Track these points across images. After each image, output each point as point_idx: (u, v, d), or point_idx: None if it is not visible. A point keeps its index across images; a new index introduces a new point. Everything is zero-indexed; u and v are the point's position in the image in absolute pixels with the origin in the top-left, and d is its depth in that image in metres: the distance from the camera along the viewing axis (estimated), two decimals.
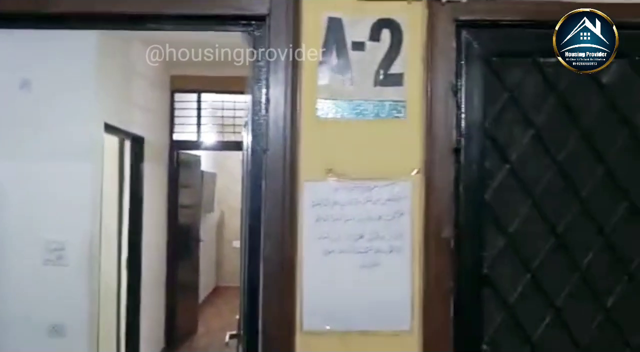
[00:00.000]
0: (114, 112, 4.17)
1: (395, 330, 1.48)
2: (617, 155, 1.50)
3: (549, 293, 1.49)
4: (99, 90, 3.84)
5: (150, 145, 4.92)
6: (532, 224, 1.50)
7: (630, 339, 1.49)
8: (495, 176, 1.50)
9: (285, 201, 1.47)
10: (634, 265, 1.49)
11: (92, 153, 3.74)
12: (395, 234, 1.48)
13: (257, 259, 1.51)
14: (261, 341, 1.48)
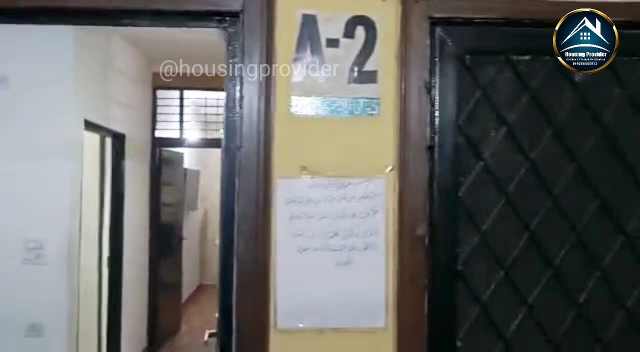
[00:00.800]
0: (94, 109, 4.13)
1: (369, 327, 1.48)
2: (589, 153, 1.51)
3: (522, 290, 1.50)
4: (78, 86, 3.80)
5: (132, 143, 4.88)
6: (505, 221, 1.51)
7: (601, 334, 1.50)
8: (469, 173, 1.50)
9: (259, 198, 1.47)
10: (605, 262, 1.51)
11: (72, 150, 3.70)
12: (369, 231, 1.48)
13: (231, 257, 1.50)
14: (235, 339, 1.47)
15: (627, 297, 1.51)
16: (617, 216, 1.51)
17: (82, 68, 3.86)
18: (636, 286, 1.52)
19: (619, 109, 1.52)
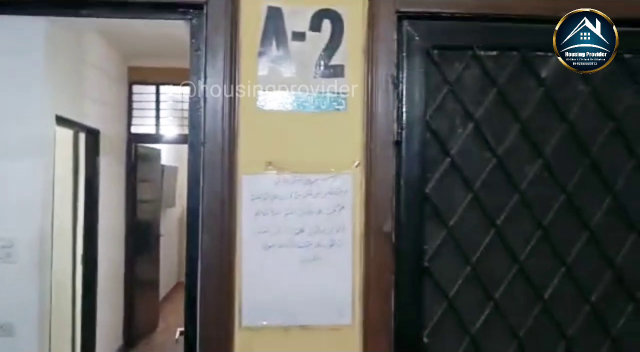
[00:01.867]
0: (66, 105, 4.06)
1: (336, 324, 1.47)
2: (555, 149, 1.51)
3: (488, 285, 1.50)
4: (49, 81, 3.73)
5: (107, 139, 4.80)
6: (472, 216, 1.50)
7: (566, 330, 1.51)
8: (436, 169, 1.50)
9: (224, 194, 1.44)
10: (570, 257, 1.51)
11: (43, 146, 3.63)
12: (336, 227, 1.47)
13: (196, 253, 1.48)
14: (199, 337, 1.45)
15: (591, 292, 1.52)
16: (582, 212, 1.52)
17: (53, 63, 3.79)
18: (601, 282, 1.52)
19: (585, 105, 1.52)
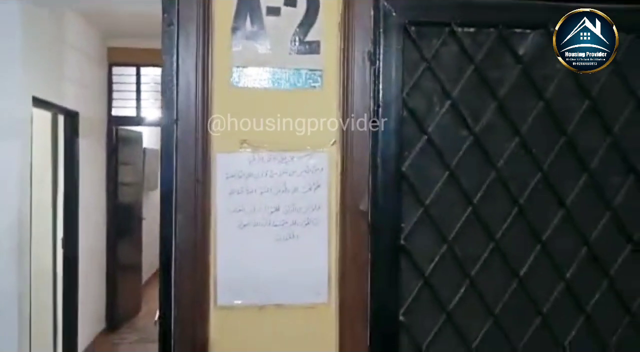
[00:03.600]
0: (44, 86, 3.99)
1: (312, 303, 1.46)
2: (532, 126, 1.51)
3: (465, 263, 1.50)
4: (26, 61, 3.65)
5: (87, 121, 4.74)
6: (448, 195, 1.50)
7: (541, 307, 1.52)
8: (413, 147, 1.49)
9: (198, 173, 1.42)
10: (546, 234, 1.52)
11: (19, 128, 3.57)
12: (311, 206, 1.46)
13: (171, 233, 1.46)
14: (174, 316, 1.44)
15: (567, 269, 1.53)
16: (558, 190, 1.52)
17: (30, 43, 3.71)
18: (576, 259, 1.53)
19: (562, 83, 1.52)
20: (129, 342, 4.91)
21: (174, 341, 1.43)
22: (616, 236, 1.55)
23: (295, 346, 1.46)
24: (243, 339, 1.45)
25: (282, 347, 1.45)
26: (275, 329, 1.45)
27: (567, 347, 1.54)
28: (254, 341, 1.45)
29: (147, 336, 4.90)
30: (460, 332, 1.51)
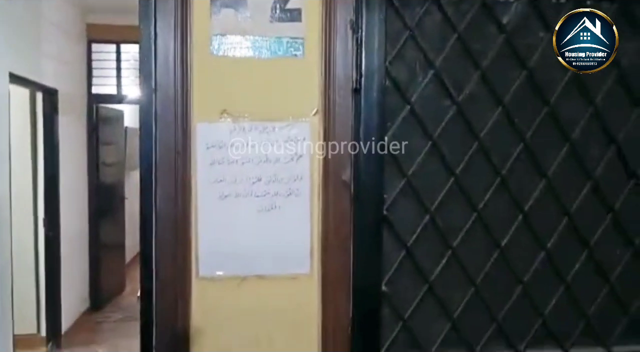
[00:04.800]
0: (21, 62, 3.89)
1: (294, 273, 1.46)
2: (514, 96, 1.50)
3: (447, 233, 1.50)
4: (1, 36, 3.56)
5: (66, 99, 4.65)
6: (431, 165, 1.49)
7: (522, 276, 1.54)
8: (396, 117, 1.48)
9: (177, 143, 1.40)
10: (528, 204, 1.53)
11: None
12: (293, 177, 1.44)
13: (150, 205, 1.44)
14: (155, 288, 1.42)
15: (547, 239, 1.54)
16: (540, 159, 1.52)
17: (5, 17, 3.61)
18: (557, 228, 1.54)
19: (545, 52, 1.51)
20: (113, 320, 4.90)
21: (155, 313, 1.42)
22: (597, 206, 1.57)
23: (278, 317, 1.46)
24: (225, 310, 1.44)
25: (264, 318, 1.45)
26: (257, 300, 1.44)
27: (546, 316, 1.55)
28: (236, 311, 1.44)
29: (132, 315, 4.88)
30: (442, 302, 1.52)
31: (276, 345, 1.46)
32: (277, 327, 1.46)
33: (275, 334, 1.46)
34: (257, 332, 1.46)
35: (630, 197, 1.57)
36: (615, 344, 1.59)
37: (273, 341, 1.46)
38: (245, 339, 1.45)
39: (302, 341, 1.47)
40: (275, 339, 1.46)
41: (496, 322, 1.53)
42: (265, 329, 1.46)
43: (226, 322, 1.45)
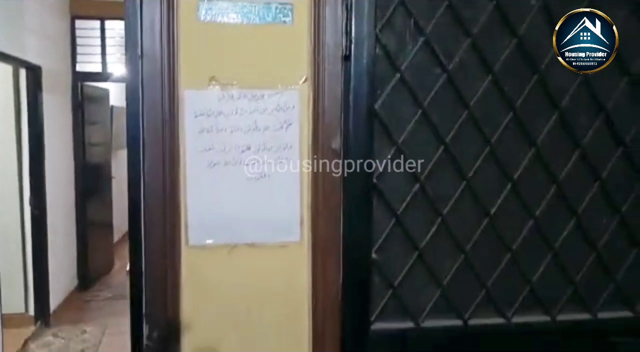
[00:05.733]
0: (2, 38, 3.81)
1: (284, 242, 1.45)
2: (504, 64, 1.50)
3: (436, 201, 1.51)
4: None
5: (50, 76, 4.57)
6: (421, 133, 1.49)
7: (510, 244, 1.55)
8: (386, 85, 1.47)
9: (165, 111, 1.38)
10: (517, 172, 1.53)
11: None
12: (283, 145, 1.43)
13: (139, 174, 1.42)
14: (145, 258, 1.41)
15: (536, 207, 1.55)
16: (529, 127, 1.52)
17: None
18: (545, 197, 1.55)
19: (535, 20, 1.50)
20: (102, 299, 4.89)
21: (145, 282, 1.41)
22: (585, 175, 1.57)
23: (268, 285, 1.46)
24: (215, 278, 1.44)
25: (255, 286, 1.45)
26: (248, 269, 1.44)
27: (534, 284, 1.57)
28: (226, 279, 1.44)
29: (120, 293, 4.88)
30: (432, 269, 1.53)
31: (266, 313, 1.47)
32: (267, 296, 1.46)
33: (265, 302, 1.46)
34: (248, 300, 1.46)
35: (618, 165, 1.58)
36: (601, 310, 1.61)
37: (263, 309, 1.46)
38: (236, 307, 1.45)
39: (292, 309, 1.48)
40: (265, 307, 1.47)
41: (485, 289, 1.55)
42: (256, 297, 1.46)
43: (216, 290, 1.45)
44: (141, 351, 1.41)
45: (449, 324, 1.54)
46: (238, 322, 1.46)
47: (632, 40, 1.53)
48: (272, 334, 1.48)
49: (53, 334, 4.11)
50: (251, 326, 1.46)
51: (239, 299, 1.46)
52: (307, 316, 1.48)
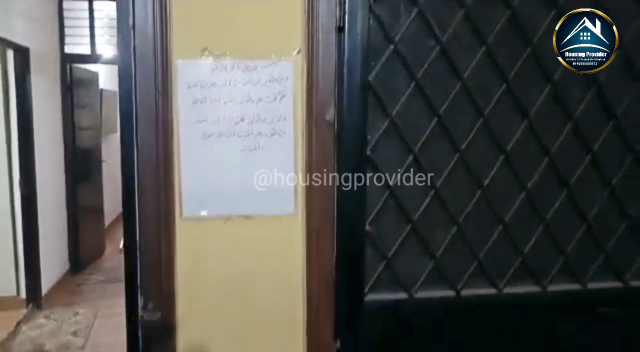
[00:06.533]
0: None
1: (278, 214, 1.46)
2: (498, 35, 1.50)
3: (430, 173, 1.51)
4: None
5: (38, 57, 4.51)
6: (415, 105, 1.49)
7: (502, 215, 1.56)
8: (380, 57, 1.46)
9: (158, 82, 1.37)
10: (510, 144, 1.54)
11: None
12: (277, 116, 1.43)
13: (132, 147, 1.41)
14: (139, 229, 1.42)
15: (528, 179, 1.56)
16: (522, 100, 1.53)
17: None
18: (537, 168, 1.56)
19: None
20: (94, 282, 4.88)
21: (139, 255, 1.41)
22: (576, 147, 1.59)
23: (262, 256, 1.47)
24: (210, 249, 1.44)
25: (249, 258, 1.46)
26: (242, 240, 1.45)
27: (526, 255, 1.59)
28: (221, 252, 1.45)
29: (113, 277, 4.87)
30: (425, 241, 1.54)
31: (261, 284, 1.48)
32: (262, 267, 1.47)
33: (260, 274, 1.47)
34: (242, 271, 1.46)
35: (610, 137, 1.59)
36: (591, 281, 1.64)
37: (257, 281, 1.47)
38: (230, 279, 1.46)
39: (287, 281, 1.49)
40: (259, 278, 1.47)
41: (477, 260, 1.56)
42: (250, 268, 1.46)
43: (210, 262, 1.45)
44: (136, 322, 1.42)
45: (442, 295, 1.56)
46: (232, 294, 1.46)
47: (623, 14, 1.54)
48: (267, 305, 1.49)
49: (45, 317, 4.11)
50: (245, 297, 1.47)
51: (233, 270, 1.46)
52: (302, 288, 1.49)
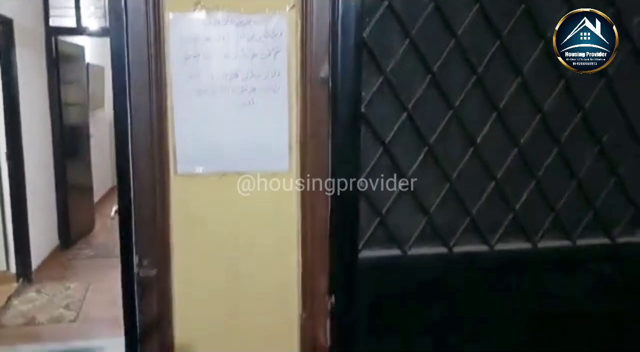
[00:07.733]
0: None
1: (272, 170, 1.46)
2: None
3: (423, 131, 1.52)
4: None
5: (22, 30, 4.42)
6: (409, 62, 1.49)
7: (495, 172, 1.58)
8: (374, 14, 1.46)
9: (150, 36, 1.36)
10: (503, 102, 1.55)
11: None
12: (271, 72, 1.43)
13: (125, 104, 1.40)
14: (134, 188, 1.41)
15: (520, 136, 1.58)
16: (515, 58, 1.54)
17: None
18: (530, 125, 1.58)
19: None
20: (84, 257, 4.87)
21: (134, 209, 1.41)
22: (568, 104, 1.60)
23: (257, 213, 1.47)
24: (204, 205, 1.45)
25: (243, 214, 1.47)
26: (237, 196, 1.45)
27: (517, 212, 1.61)
28: (216, 207, 1.45)
29: (103, 252, 4.86)
30: (418, 198, 1.55)
31: (256, 243, 1.49)
32: (256, 223, 1.48)
33: (255, 230, 1.48)
34: (237, 228, 1.47)
35: (601, 95, 1.61)
36: (580, 237, 1.66)
37: (253, 237, 1.48)
38: (225, 235, 1.47)
39: (282, 237, 1.50)
40: (255, 235, 1.48)
41: (469, 217, 1.58)
42: (245, 225, 1.47)
43: (205, 219, 1.46)
44: (131, 277, 1.42)
45: (435, 252, 1.58)
46: (227, 249, 1.47)
47: None
48: (262, 263, 1.50)
49: (36, 291, 4.10)
50: (240, 253, 1.48)
51: (228, 228, 1.47)
52: (297, 245, 1.51)
